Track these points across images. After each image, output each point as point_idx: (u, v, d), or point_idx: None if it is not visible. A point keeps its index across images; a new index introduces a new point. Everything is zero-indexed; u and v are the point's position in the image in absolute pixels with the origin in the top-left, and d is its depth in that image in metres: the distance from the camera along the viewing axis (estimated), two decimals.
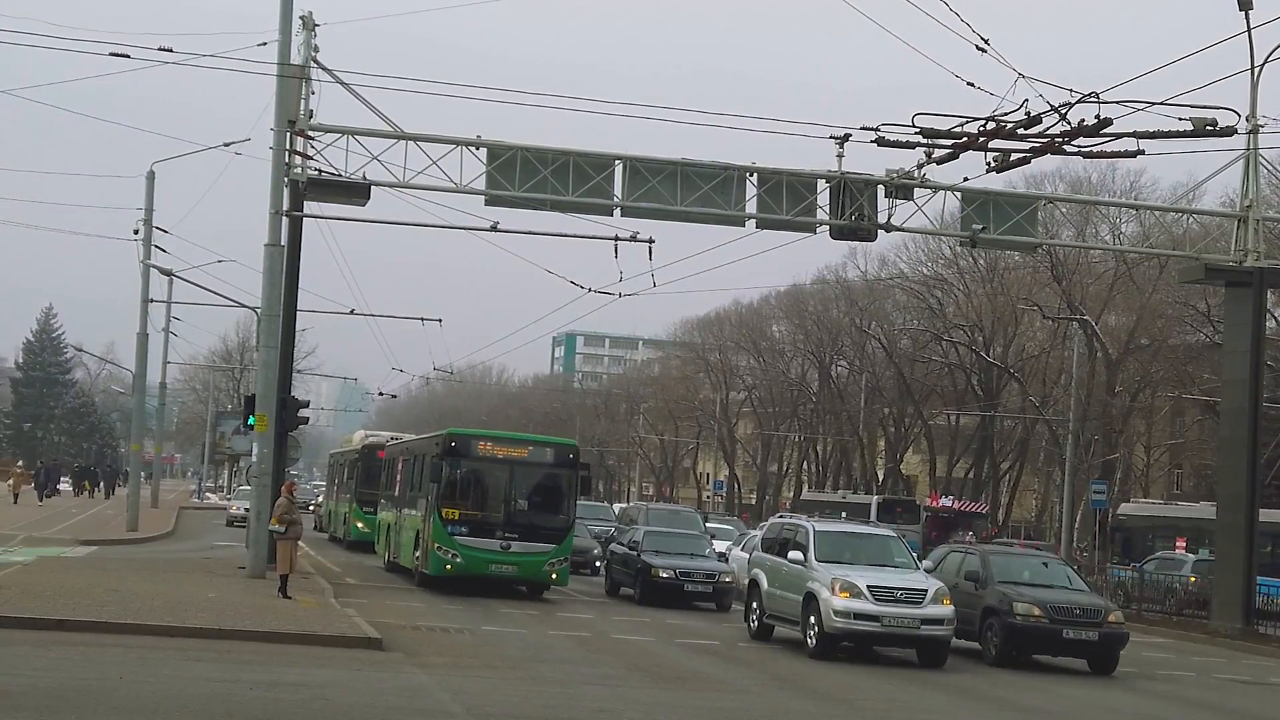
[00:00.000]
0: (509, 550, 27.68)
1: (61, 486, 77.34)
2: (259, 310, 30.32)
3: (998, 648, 22.55)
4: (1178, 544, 43.78)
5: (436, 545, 27.71)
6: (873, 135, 23.43)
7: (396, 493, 34.41)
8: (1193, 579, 36.26)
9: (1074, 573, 25.75)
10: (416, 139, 28.28)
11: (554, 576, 28.23)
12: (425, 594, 27.67)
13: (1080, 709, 18.50)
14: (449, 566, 27.66)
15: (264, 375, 27.69)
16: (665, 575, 29.13)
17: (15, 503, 54.35)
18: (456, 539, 27.59)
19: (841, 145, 28.19)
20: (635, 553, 30.01)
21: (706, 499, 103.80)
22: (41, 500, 59.46)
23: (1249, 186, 31.16)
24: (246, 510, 42.91)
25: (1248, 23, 27.26)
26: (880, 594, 20.94)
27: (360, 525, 42.20)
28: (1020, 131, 20.61)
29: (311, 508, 59.31)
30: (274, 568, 24.59)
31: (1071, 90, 19.85)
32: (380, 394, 76.92)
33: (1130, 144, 21.98)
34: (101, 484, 76.48)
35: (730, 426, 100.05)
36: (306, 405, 31.66)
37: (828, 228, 29.86)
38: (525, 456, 28.60)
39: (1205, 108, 21.45)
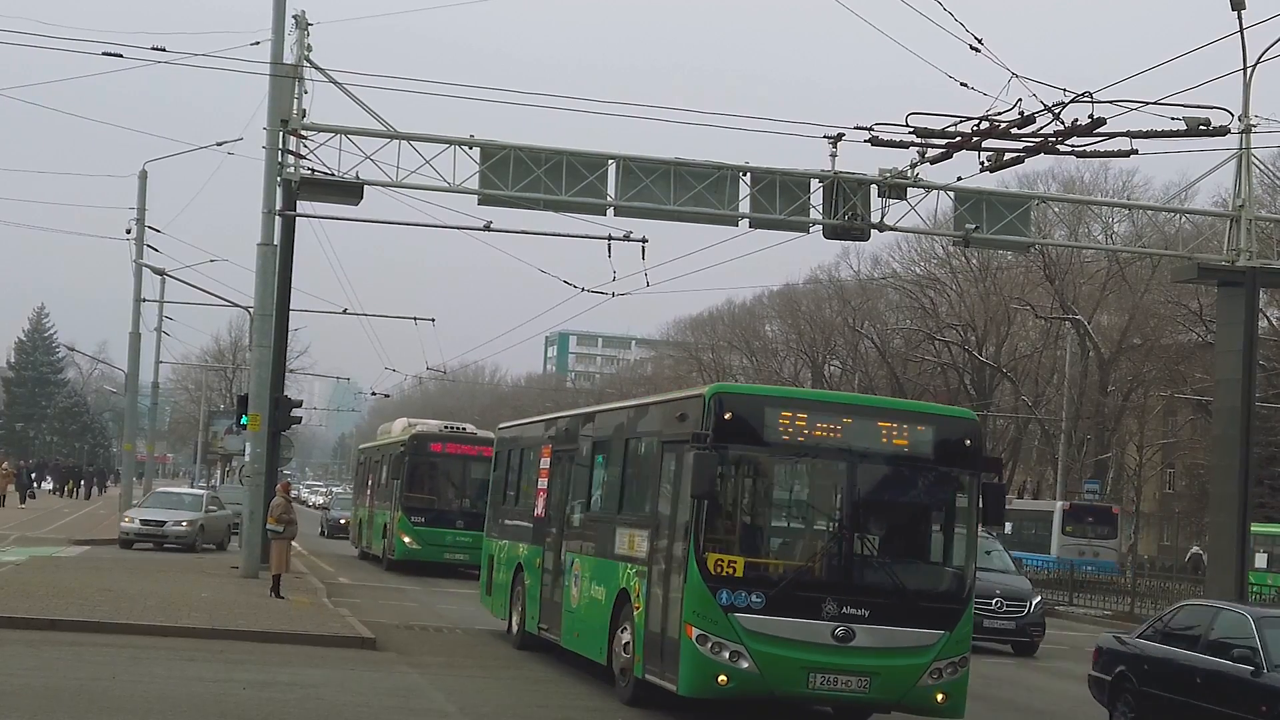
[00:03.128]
0: (850, 644, 13.73)
1: (47, 486, 76.76)
2: (252, 310, 30.33)
3: None
4: None
5: (701, 632, 13.61)
6: (866, 135, 23.38)
7: (540, 510, 19.56)
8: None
9: None
10: (410, 138, 28.29)
11: (940, 698, 14.12)
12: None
13: (1057, 703, 18.52)
14: (725, 679, 13.60)
15: (257, 375, 27.67)
16: None
17: (2, 505, 54.07)
18: (740, 619, 13.61)
19: (835, 145, 28.20)
20: (1256, 671, 13.68)
21: None
22: (23, 502, 58.92)
23: (1241, 186, 31.20)
24: (187, 525, 35.57)
25: (1240, 23, 27.29)
26: None
27: (407, 540, 33.89)
28: (1014, 131, 20.56)
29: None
30: (267, 567, 24.57)
31: (1065, 90, 19.82)
32: (373, 393, 76.98)
33: (1123, 143, 21.95)
34: (83, 484, 75.77)
35: None
36: (299, 405, 31.60)
37: (821, 227, 29.88)
38: (875, 443, 14.25)
39: (1198, 107, 21.43)
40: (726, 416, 13.92)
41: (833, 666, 13.72)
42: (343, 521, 50.85)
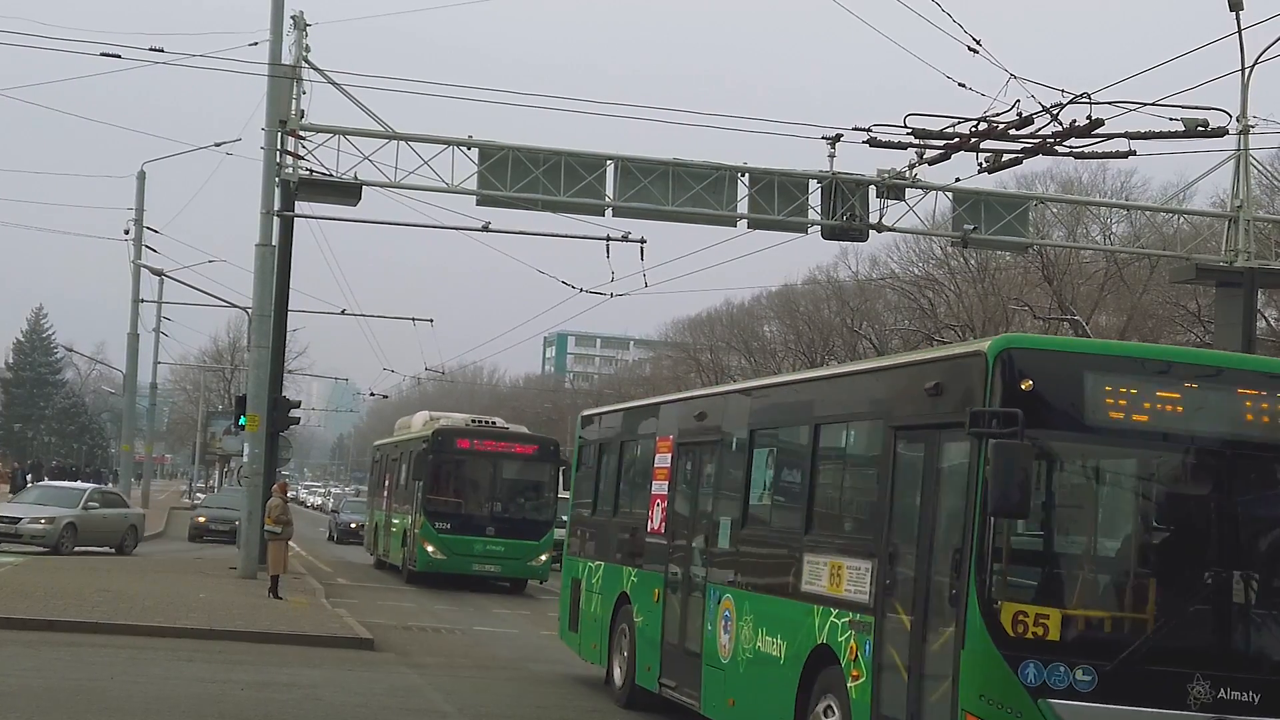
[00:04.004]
0: None
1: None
2: (250, 310, 30.33)
3: None
4: None
5: None
6: (864, 135, 23.41)
7: (657, 524, 14.88)
8: None
9: None
10: (408, 139, 28.30)
11: None
12: None
13: None
14: None
15: (255, 375, 27.67)
16: None
17: None
18: (1058, 708, 8.53)
19: (833, 145, 28.21)
20: None
21: None
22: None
23: (1239, 187, 31.23)
24: (45, 524, 31.32)
25: (1238, 24, 27.30)
26: None
27: (431, 549, 30.20)
28: (1012, 132, 20.57)
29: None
30: (265, 568, 24.58)
31: (1063, 91, 19.83)
32: (371, 394, 76.86)
33: (1121, 144, 21.96)
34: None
35: None
36: (298, 405, 31.61)
37: (819, 228, 29.91)
38: (1254, 427, 9.20)
39: (1196, 108, 21.42)
40: (1025, 386, 8.89)
41: None
42: (354, 526, 47.58)
